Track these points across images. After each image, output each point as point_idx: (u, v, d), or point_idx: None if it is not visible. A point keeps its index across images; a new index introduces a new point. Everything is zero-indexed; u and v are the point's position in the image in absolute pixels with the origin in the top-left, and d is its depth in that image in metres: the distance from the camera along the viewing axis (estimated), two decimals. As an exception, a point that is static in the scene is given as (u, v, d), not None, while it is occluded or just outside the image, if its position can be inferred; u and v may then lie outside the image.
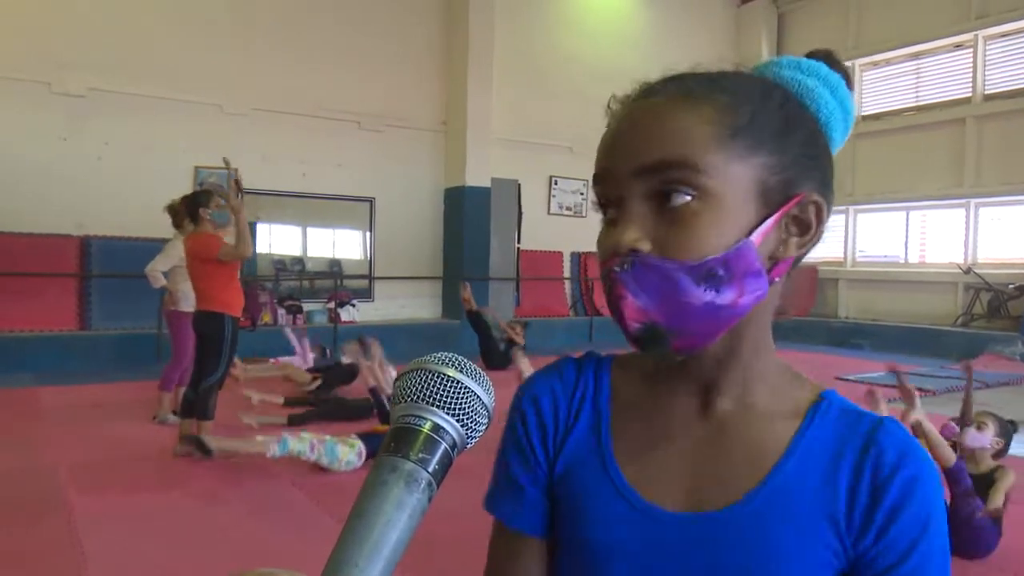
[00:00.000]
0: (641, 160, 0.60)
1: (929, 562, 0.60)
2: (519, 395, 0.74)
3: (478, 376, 0.57)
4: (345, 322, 9.75)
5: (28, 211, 8.05)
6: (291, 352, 7.98)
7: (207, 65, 9.04)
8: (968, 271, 10.81)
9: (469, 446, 0.57)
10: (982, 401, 6.73)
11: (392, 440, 0.53)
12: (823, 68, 0.68)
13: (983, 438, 3.34)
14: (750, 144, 0.60)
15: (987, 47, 11.06)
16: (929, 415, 4.71)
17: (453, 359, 0.56)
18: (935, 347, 10.29)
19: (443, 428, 0.54)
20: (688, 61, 0.72)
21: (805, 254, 0.66)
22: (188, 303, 5.01)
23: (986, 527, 3.11)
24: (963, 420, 4.16)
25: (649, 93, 0.64)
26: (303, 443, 4.17)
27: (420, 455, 0.52)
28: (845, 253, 12.76)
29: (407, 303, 10.71)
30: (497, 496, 0.72)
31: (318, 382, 6.62)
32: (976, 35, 11.05)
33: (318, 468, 4.23)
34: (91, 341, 8.05)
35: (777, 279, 0.63)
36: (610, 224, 0.63)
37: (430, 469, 0.52)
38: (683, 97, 0.61)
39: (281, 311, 9.49)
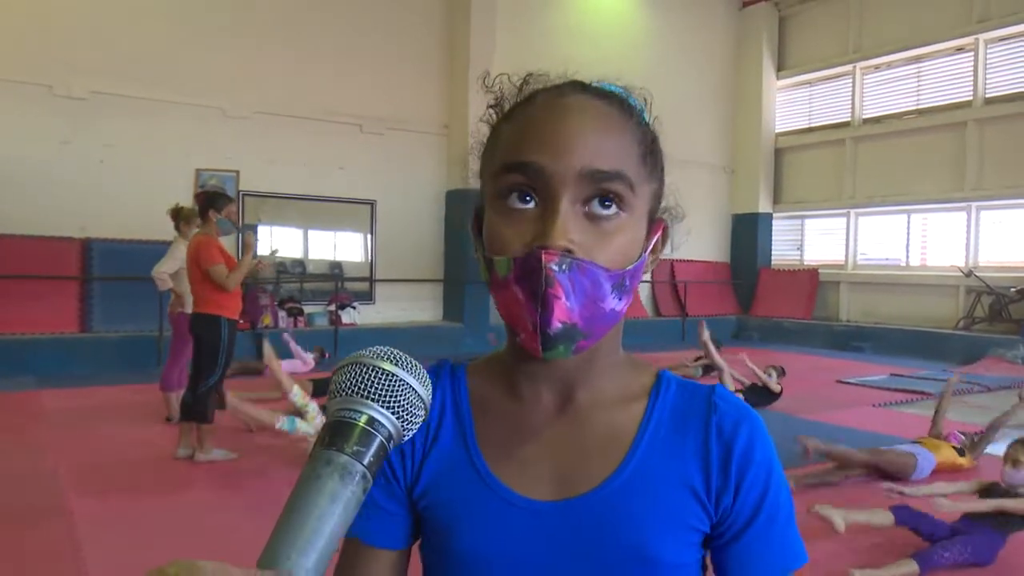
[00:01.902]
0: (587, 164, 0.61)
1: (778, 507, 0.67)
2: None
3: (415, 369, 0.58)
4: (346, 325, 9.76)
5: (30, 214, 8.06)
6: (287, 356, 7.97)
7: (209, 68, 9.06)
8: (969, 274, 10.80)
9: (406, 438, 0.58)
10: (983, 404, 6.73)
11: (327, 434, 0.55)
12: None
13: (1019, 474, 3.29)
14: (652, 169, 0.67)
15: (988, 50, 11.07)
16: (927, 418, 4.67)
17: (389, 353, 0.58)
18: (937, 350, 10.29)
19: (379, 421, 0.55)
20: (690, 65, 0.73)
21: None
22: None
23: (990, 535, 3.10)
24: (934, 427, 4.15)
25: (570, 94, 0.66)
26: (310, 426, 4.25)
27: (355, 448, 0.53)
28: (846, 256, 12.75)
29: (408, 306, 10.71)
30: None
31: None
32: (977, 38, 11.06)
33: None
34: (92, 344, 8.05)
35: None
36: (520, 215, 0.63)
37: (365, 462, 0.53)
38: (614, 110, 0.65)
39: (282, 313, 9.50)
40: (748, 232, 13.64)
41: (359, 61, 10.06)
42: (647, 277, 0.70)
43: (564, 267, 0.60)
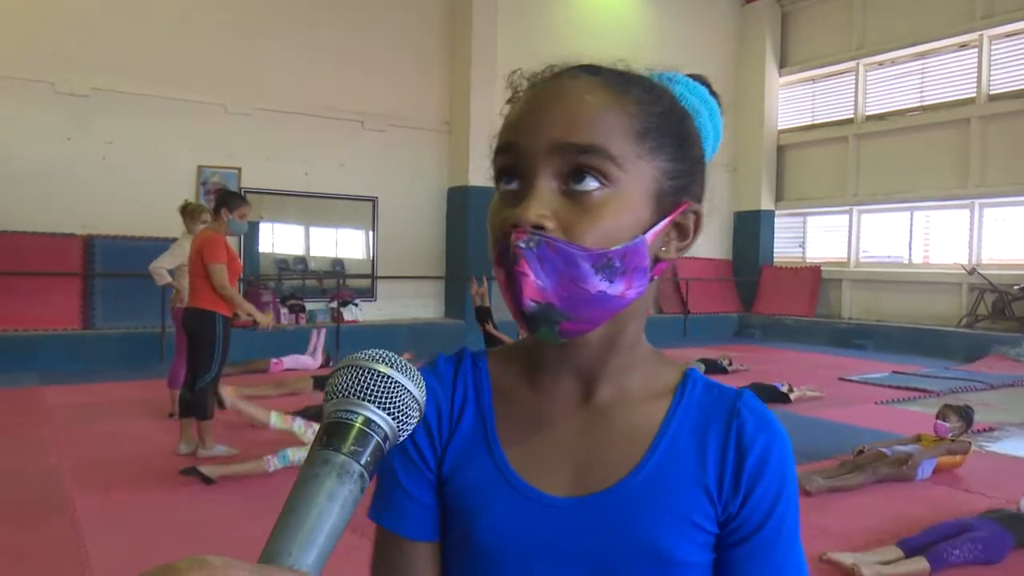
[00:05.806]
0: (559, 137, 0.60)
1: (783, 523, 0.65)
2: None
3: (409, 371, 0.59)
4: (348, 322, 9.77)
5: (32, 210, 8.07)
6: (295, 351, 7.98)
7: (211, 65, 9.05)
8: (972, 272, 10.78)
9: (401, 439, 0.59)
10: (988, 402, 6.72)
11: (324, 434, 0.55)
12: (705, 92, 0.74)
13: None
14: (654, 146, 0.63)
15: (992, 47, 11.03)
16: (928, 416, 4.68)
17: (384, 355, 0.58)
18: (939, 348, 10.27)
19: (375, 422, 0.56)
20: (692, 61, 0.73)
21: (679, 257, 0.69)
22: None
23: (999, 533, 3.11)
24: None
25: (564, 75, 0.65)
26: (303, 451, 4.13)
27: (352, 448, 0.54)
28: (849, 253, 12.73)
29: (410, 303, 10.72)
30: (383, 505, 0.70)
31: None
32: (981, 35, 11.02)
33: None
34: (95, 340, 8.07)
35: (656, 277, 0.66)
36: (509, 196, 0.63)
37: (362, 461, 0.54)
38: (602, 85, 0.63)
39: (284, 310, 9.51)
40: (750, 229, 13.62)
41: (361, 57, 10.06)
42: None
43: (532, 244, 0.59)
